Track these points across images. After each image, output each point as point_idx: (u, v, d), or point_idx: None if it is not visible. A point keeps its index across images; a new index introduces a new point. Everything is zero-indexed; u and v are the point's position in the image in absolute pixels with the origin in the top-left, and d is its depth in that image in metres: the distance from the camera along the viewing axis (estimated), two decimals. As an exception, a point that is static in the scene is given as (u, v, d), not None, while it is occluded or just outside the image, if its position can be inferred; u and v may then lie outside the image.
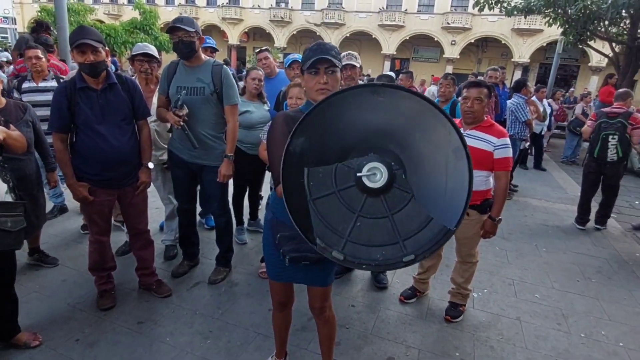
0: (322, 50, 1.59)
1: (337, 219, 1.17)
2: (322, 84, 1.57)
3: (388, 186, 1.14)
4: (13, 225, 1.87)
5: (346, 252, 1.17)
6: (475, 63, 28.14)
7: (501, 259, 3.83)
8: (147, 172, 2.60)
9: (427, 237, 1.16)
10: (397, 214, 1.17)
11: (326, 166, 1.17)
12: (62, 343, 2.31)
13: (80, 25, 2.43)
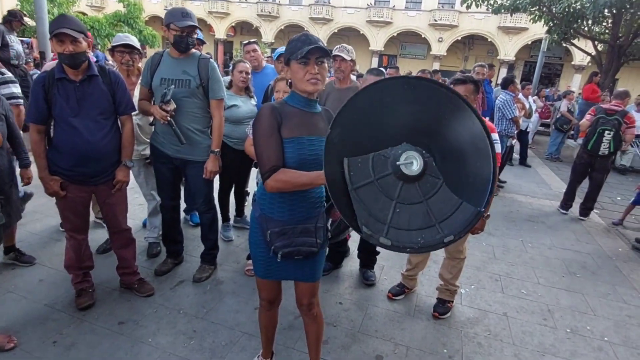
0: (311, 40, 1.55)
1: (377, 207, 1.24)
2: (313, 74, 1.54)
3: (422, 173, 1.22)
4: None
5: (390, 238, 1.23)
6: (462, 60, 28.37)
7: (488, 254, 3.84)
8: (124, 171, 2.48)
9: (460, 219, 1.25)
10: (431, 199, 1.26)
11: (364, 156, 1.24)
12: (39, 345, 2.21)
13: (61, 14, 2.33)
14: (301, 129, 1.58)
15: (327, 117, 1.69)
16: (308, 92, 1.59)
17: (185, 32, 2.49)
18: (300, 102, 1.63)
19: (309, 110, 1.64)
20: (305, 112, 1.63)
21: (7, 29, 5.74)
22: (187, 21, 2.47)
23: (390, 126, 1.28)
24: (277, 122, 1.56)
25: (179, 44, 2.53)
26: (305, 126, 1.60)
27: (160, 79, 2.56)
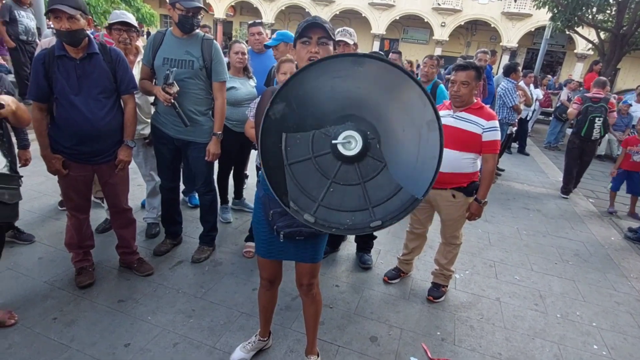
0: (315, 20, 1.54)
1: (312, 184, 1.22)
2: (312, 52, 1.52)
3: (362, 154, 1.18)
4: (10, 197, 1.89)
5: (317, 216, 1.22)
6: (464, 46, 28.06)
7: (483, 241, 3.89)
8: (126, 151, 2.47)
9: (396, 205, 1.22)
10: (369, 182, 1.22)
11: (304, 132, 1.20)
12: (39, 322, 2.25)
13: None
14: None
15: None
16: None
17: (191, 12, 2.46)
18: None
19: None
20: None
21: (14, 3, 5.66)
22: (193, 2, 2.44)
23: (337, 105, 1.23)
24: None
25: (183, 24, 2.49)
26: None
27: (163, 59, 2.54)
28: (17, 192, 1.95)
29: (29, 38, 5.75)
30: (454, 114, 2.53)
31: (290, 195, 1.23)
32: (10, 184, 1.90)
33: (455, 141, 2.45)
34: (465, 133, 2.46)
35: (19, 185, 1.96)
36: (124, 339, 2.19)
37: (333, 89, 1.20)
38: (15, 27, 5.67)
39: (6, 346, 2.06)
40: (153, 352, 2.12)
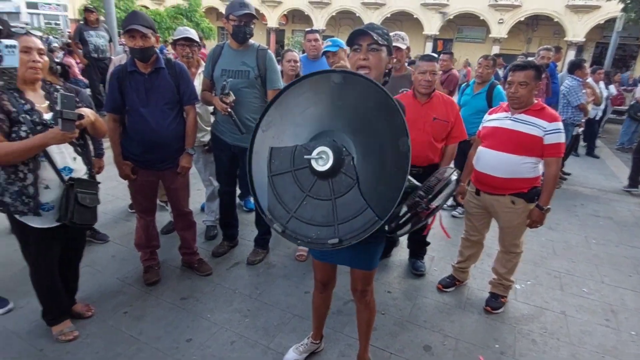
0: (365, 27, 1.56)
1: (289, 196, 1.24)
2: (361, 59, 1.53)
3: (335, 171, 1.17)
4: (91, 202, 2.06)
5: (288, 227, 1.24)
6: (525, 43, 26.54)
7: (547, 250, 3.66)
8: (187, 158, 2.65)
9: (359, 224, 1.19)
10: (340, 198, 1.21)
11: (288, 146, 1.23)
12: (112, 315, 2.46)
13: (133, 11, 2.52)
14: None
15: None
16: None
17: (243, 21, 2.58)
18: None
19: None
20: None
21: (84, 25, 6.28)
22: (244, 10, 2.56)
23: (320, 120, 1.23)
24: None
25: (237, 33, 2.62)
26: None
27: (221, 70, 2.69)
28: (96, 197, 2.14)
29: (99, 55, 6.31)
30: (512, 116, 2.42)
31: (269, 205, 1.27)
32: (90, 189, 2.08)
33: (514, 145, 2.35)
34: (525, 136, 2.34)
35: (97, 190, 2.16)
36: (186, 334, 2.33)
37: (317, 105, 1.22)
38: (87, 47, 6.25)
39: (84, 336, 2.27)
40: (212, 349, 2.23)
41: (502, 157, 2.39)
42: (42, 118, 1.89)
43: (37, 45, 1.87)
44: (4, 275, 2.74)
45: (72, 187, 1.98)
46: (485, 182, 2.52)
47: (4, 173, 1.90)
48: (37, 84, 1.95)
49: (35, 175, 1.90)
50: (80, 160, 2.08)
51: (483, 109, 3.73)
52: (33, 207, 1.92)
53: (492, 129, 2.49)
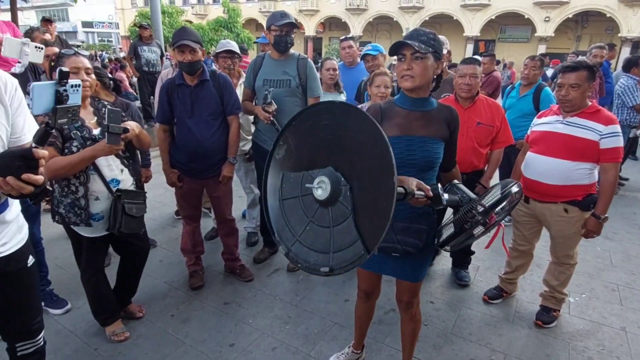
0: (408, 35, 1.55)
1: (295, 221, 1.29)
2: (405, 70, 1.53)
3: (333, 200, 1.19)
4: (137, 211, 2.17)
5: (292, 249, 1.28)
6: (574, 41, 25.22)
7: (603, 260, 3.42)
8: (229, 167, 2.71)
9: (349, 255, 1.20)
10: (337, 227, 1.23)
11: (297, 173, 1.28)
12: (160, 317, 2.56)
13: (182, 27, 2.65)
14: (400, 128, 1.60)
15: (446, 115, 1.65)
16: (404, 88, 1.59)
17: (284, 30, 2.64)
18: (404, 101, 1.64)
19: (414, 109, 1.62)
20: (410, 112, 1.62)
21: (138, 41, 6.73)
22: (285, 20, 2.62)
23: (326, 148, 1.26)
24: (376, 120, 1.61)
25: (278, 43, 2.68)
26: (404, 126, 1.60)
27: (263, 80, 2.76)
28: (143, 206, 2.24)
29: (150, 69, 6.68)
30: (564, 119, 2.29)
31: (277, 227, 1.34)
32: (137, 199, 2.19)
33: (567, 150, 2.22)
34: (579, 140, 2.21)
35: (144, 199, 2.26)
36: (229, 339, 2.38)
37: (323, 133, 1.26)
38: (139, 61, 6.65)
39: (135, 337, 2.38)
40: (254, 354, 2.27)
41: (554, 163, 2.27)
42: (92, 133, 2.01)
43: (85, 64, 2.00)
44: (63, 277, 2.93)
45: (120, 198, 2.08)
46: (535, 190, 2.39)
47: (58, 187, 2.05)
48: (87, 101, 2.08)
49: (85, 188, 2.02)
50: (127, 172, 2.18)
51: (530, 112, 3.57)
52: (85, 218, 2.05)
53: (542, 133, 2.37)
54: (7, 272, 1.39)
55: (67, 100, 1.16)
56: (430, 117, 1.62)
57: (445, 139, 1.65)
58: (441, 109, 1.66)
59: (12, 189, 1.06)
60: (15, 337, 1.52)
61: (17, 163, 1.05)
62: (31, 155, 1.06)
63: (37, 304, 1.57)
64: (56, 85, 1.14)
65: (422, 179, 1.62)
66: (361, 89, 3.39)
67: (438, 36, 1.59)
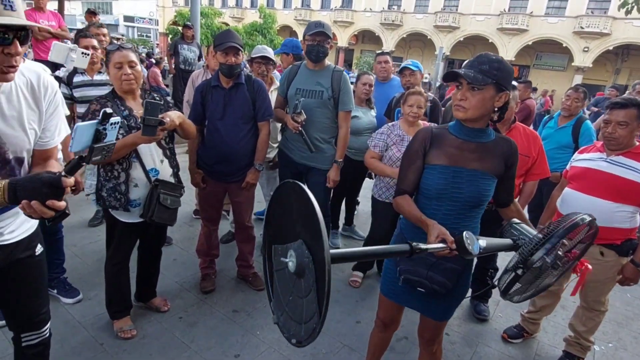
0: (469, 62, 1.45)
1: (284, 291, 1.29)
2: (458, 100, 1.45)
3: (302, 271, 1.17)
4: (172, 203, 2.21)
5: (280, 319, 1.27)
6: (612, 73, 24.52)
7: (633, 309, 3.22)
8: (254, 174, 2.67)
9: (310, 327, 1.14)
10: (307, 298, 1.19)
11: (283, 245, 1.28)
12: (168, 318, 2.53)
13: (227, 29, 2.66)
14: (450, 158, 1.51)
15: (504, 150, 1.52)
16: (456, 117, 1.50)
17: (317, 40, 2.60)
18: (459, 129, 1.54)
19: (469, 140, 1.52)
20: (464, 142, 1.52)
21: (180, 39, 6.93)
22: (318, 29, 2.59)
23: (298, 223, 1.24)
24: (423, 149, 1.55)
25: (310, 52, 2.65)
26: (454, 156, 1.51)
27: (296, 89, 2.73)
28: (178, 200, 2.26)
29: (186, 67, 6.81)
30: (608, 157, 2.16)
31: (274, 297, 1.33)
32: (173, 191, 2.22)
33: (610, 190, 2.09)
34: (623, 181, 2.07)
35: (181, 193, 2.27)
36: (235, 348, 2.33)
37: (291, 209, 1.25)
38: (177, 58, 6.79)
39: (141, 336, 2.35)
40: (259, 368, 2.20)
41: (593, 202, 2.13)
42: (138, 122, 2.06)
43: (128, 58, 2.03)
44: (78, 266, 2.94)
45: (157, 188, 2.13)
46: None
47: (103, 171, 2.12)
48: (137, 93, 2.14)
49: (127, 174, 2.09)
50: (167, 163, 2.23)
51: (567, 144, 3.44)
52: (123, 203, 2.11)
53: (582, 169, 2.24)
54: (16, 260, 1.38)
55: (105, 138, 1.21)
56: (486, 150, 1.51)
57: (500, 174, 1.53)
58: (499, 141, 1.54)
59: (33, 212, 1.07)
60: (21, 327, 1.50)
61: (44, 190, 1.06)
62: (59, 184, 1.08)
63: (44, 294, 1.55)
64: (97, 125, 1.19)
65: (466, 216, 1.53)
66: (392, 106, 3.33)
67: (505, 64, 1.45)
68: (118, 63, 2.00)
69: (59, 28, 4.95)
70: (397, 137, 2.74)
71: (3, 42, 1.05)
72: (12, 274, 1.40)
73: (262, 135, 2.64)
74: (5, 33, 1.05)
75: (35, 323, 1.51)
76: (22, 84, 1.24)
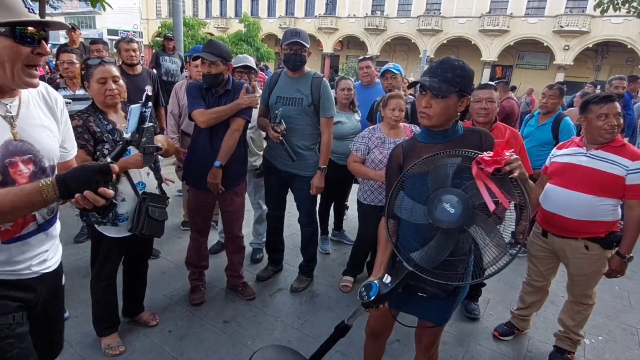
0: (432, 68, 1.47)
1: None
2: (422, 107, 1.47)
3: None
4: (159, 215, 2.20)
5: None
6: (593, 70, 25.03)
7: (622, 301, 3.26)
8: (214, 172, 2.51)
9: None
10: None
11: None
12: (157, 332, 2.49)
13: (210, 40, 2.66)
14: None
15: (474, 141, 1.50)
16: (423, 124, 1.54)
17: (293, 49, 2.61)
18: (425, 135, 1.58)
19: (437, 142, 1.52)
20: (433, 145, 1.51)
21: (161, 51, 6.89)
22: (293, 38, 2.59)
23: None
24: (398, 166, 1.59)
25: (287, 61, 2.67)
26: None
27: (276, 97, 2.73)
28: (165, 211, 2.26)
29: (169, 78, 6.77)
30: (588, 152, 2.20)
31: None
32: (160, 203, 2.21)
33: (591, 184, 2.12)
34: (605, 175, 2.11)
35: (166, 204, 2.27)
36: (226, 360, 2.30)
37: None
38: (159, 70, 6.75)
39: (130, 352, 2.31)
40: (250, 379, 2.17)
41: (576, 197, 2.16)
42: (123, 137, 2.02)
43: (112, 73, 2.05)
44: (63, 283, 2.89)
45: (145, 201, 2.12)
46: (555, 224, 2.28)
47: None
48: (118, 106, 2.14)
49: (115, 189, 2.05)
50: (152, 175, 2.24)
51: (548, 141, 3.49)
52: (112, 218, 2.08)
53: (563, 165, 2.27)
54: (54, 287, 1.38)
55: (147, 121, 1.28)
56: (456, 147, 1.49)
57: None
58: (467, 135, 1.53)
59: (87, 202, 1.07)
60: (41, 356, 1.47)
61: (96, 177, 1.07)
62: (109, 169, 1.10)
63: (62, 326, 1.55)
64: (142, 107, 1.25)
65: None
66: (374, 109, 3.35)
67: (467, 70, 1.47)
68: (102, 78, 2.01)
69: None
70: (378, 139, 2.76)
71: (32, 43, 1.05)
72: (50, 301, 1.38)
73: (229, 130, 2.51)
74: (34, 34, 1.05)
75: (55, 350, 1.50)
76: (35, 94, 1.24)
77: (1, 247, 1.16)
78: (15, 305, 1.20)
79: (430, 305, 1.60)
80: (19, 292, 1.22)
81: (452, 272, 1.37)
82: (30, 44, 1.05)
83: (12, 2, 1.01)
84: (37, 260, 1.26)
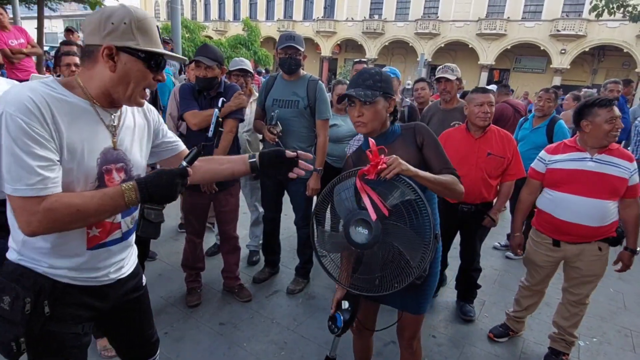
0: (353, 81, 1.57)
1: None
2: (356, 117, 1.56)
3: None
4: (155, 217, 2.17)
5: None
6: (590, 74, 25.17)
7: (617, 303, 3.28)
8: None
9: None
10: None
11: None
12: (153, 334, 2.49)
13: (205, 43, 2.68)
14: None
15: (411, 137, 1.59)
16: (361, 133, 1.63)
17: (287, 53, 2.64)
18: (365, 143, 1.65)
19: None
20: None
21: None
22: (288, 42, 2.63)
23: None
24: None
25: (282, 65, 2.71)
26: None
27: (272, 100, 2.76)
28: (161, 214, 2.24)
29: None
30: (593, 157, 2.17)
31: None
32: (156, 205, 2.19)
33: (603, 189, 2.13)
34: (614, 179, 2.12)
35: (162, 207, 2.26)
36: (221, 362, 2.30)
37: None
38: None
39: (126, 354, 2.31)
40: (246, 381, 2.18)
41: (592, 204, 2.15)
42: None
43: None
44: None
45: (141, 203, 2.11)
46: (571, 232, 2.24)
47: None
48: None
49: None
50: None
51: (542, 144, 3.48)
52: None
53: (570, 172, 2.22)
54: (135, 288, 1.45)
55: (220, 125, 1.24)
56: (396, 148, 1.57)
57: (418, 159, 1.55)
58: (404, 133, 1.62)
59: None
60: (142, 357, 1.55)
61: (177, 181, 1.13)
62: (187, 173, 1.16)
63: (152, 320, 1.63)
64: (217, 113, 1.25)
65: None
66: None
67: (384, 74, 1.58)
68: None
69: (28, 44, 4.75)
70: (372, 142, 2.79)
71: (157, 70, 1.16)
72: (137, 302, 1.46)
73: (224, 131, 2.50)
74: (160, 63, 1.16)
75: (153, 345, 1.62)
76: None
77: (86, 253, 1.19)
78: (88, 315, 1.25)
79: (405, 295, 1.64)
80: (94, 299, 1.26)
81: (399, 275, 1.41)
82: (155, 71, 1.16)
83: (153, 34, 1.13)
84: (115, 267, 1.30)
